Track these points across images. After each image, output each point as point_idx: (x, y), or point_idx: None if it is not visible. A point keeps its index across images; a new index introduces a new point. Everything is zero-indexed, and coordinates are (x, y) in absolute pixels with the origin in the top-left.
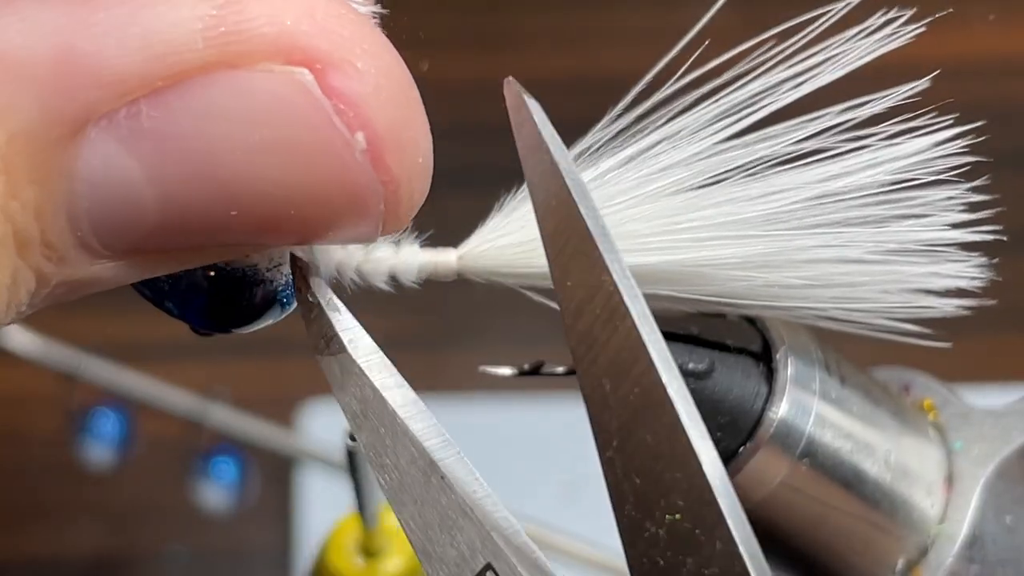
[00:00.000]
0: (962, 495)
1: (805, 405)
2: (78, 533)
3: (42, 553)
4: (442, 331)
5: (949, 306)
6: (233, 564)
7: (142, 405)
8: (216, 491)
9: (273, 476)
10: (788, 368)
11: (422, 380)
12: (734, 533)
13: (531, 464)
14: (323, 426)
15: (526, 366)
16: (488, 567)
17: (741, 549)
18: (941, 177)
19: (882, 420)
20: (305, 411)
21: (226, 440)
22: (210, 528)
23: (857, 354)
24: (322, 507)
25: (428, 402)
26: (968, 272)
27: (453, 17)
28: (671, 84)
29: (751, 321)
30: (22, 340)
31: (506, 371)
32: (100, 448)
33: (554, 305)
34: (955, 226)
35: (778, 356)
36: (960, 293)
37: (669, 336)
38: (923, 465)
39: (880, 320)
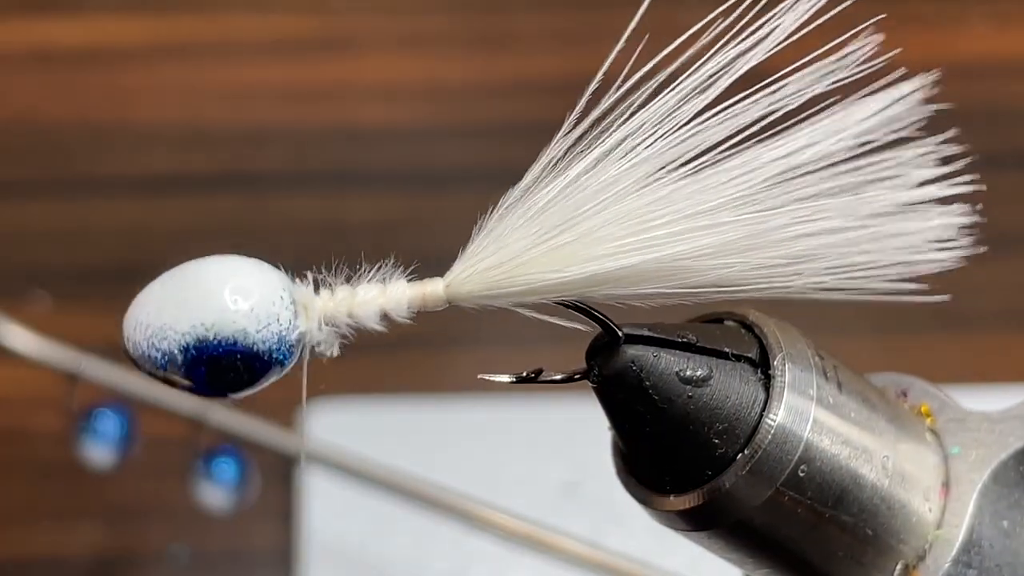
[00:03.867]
0: (959, 500)
1: (802, 411)
2: (78, 533)
3: (42, 553)
4: (442, 331)
5: (942, 260)
6: (233, 564)
7: (143, 405)
8: (216, 491)
9: (273, 476)
10: (785, 374)
11: (422, 380)
12: None
13: (531, 464)
14: (323, 426)
15: (524, 373)
16: None
17: None
18: (907, 135)
19: (879, 425)
20: (305, 411)
21: (226, 440)
22: (210, 528)
23: (854, 358)
24: (323, 507)
25: (428, 402)
26: (952, 222)
27: (453, 17)
28: (621, 81)
29: (749, 328)
30: (23, 340)
31: (504, 378)
32: (101, 448)
33: (549, 319)
34: (931, 181)
35: (775, 363)
36: (950, 245)
37: (667, 344)
38: (920, 470)
39: (878, 284)
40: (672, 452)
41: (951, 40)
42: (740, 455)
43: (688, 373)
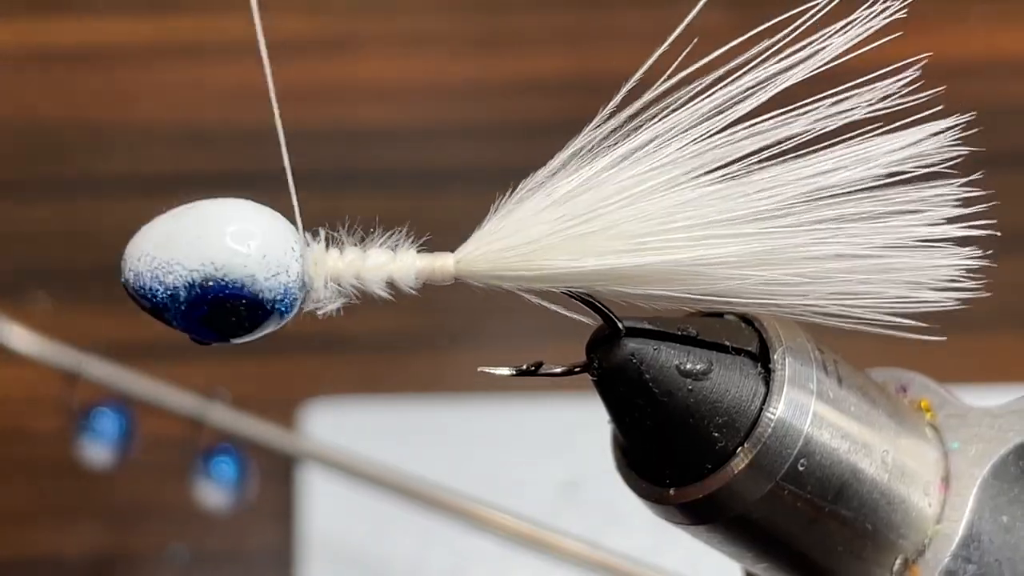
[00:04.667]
0: (959, 495)
1: (802, 405)
2: (78, 533)
3: (42, 552)
4: (442, 331)
5: (945, 300)
6: (233, 564)
7: (142, 405)
8: (216, 491)
9: (273, 476)
10: (785, 368)
11: (422, 380)
12: None
13: (531, 464)
14: (323, 426)
15: (524, 366)
16: None
17: None
18: (934, 171)
19: (879, 420)
20: (305, 411)
21: (226, 440)
22: (210, 528)
23: (855, 353)
24: (322, 507)
25: (428, 402)
26: (963, 265)
27: (453, 17)
28: (661, 82)
29: (749, 322)
30: (23, 340)
31: (504, 371)
32: (100, 447)
33: (551, 306)
34: (949, 221)
35: (775, 356)
36: (956, 287)
37: (667, 337)
38: (920, 465)
39: (877, 315)
40: (672, 445)
41: (951, 40)
42: (740, 449)
43: (688, 366)
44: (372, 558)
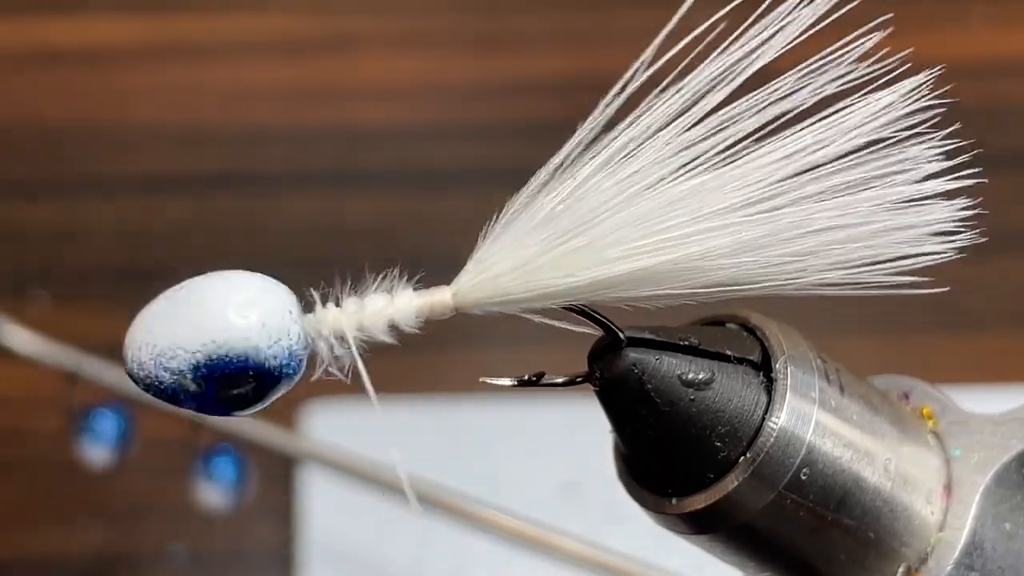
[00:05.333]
0: (961, 502)
1: (805, 414)
2: (78, 533)
3: (42, 553)
4: (442, 331)
5: (946, 250)
6: (233, 564)
7: (142, 405)
8: (216, 491)
9: (273, 476)
10: (788, 377)
11: (422, 380)
12: None
13: (531, 464)
14: (323, 426)
15: (526, 376)
16: None
17: None
18: (915, 131)
19: (882, 428)
20: (305, 411)
21: (225, 440)
22: (210, 528)
23: (855, 358)
24: (323, 507)
25: (428, 402)
26: (956, 216)
27: (453, 17)
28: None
29: (751, 331)
30: (22, 340)
31: (506, 381)
32: (100, 448)
33: (553, 323)
34: (935, 175)
35: (778, 366)
36: (954, 233)
37: (669, 347)
38: (922, 473)
39: (876, 278)
40: (674, 455)
41: (951, 40)
42: (742, 458)
43: (690, 376)
44: (372, 558)
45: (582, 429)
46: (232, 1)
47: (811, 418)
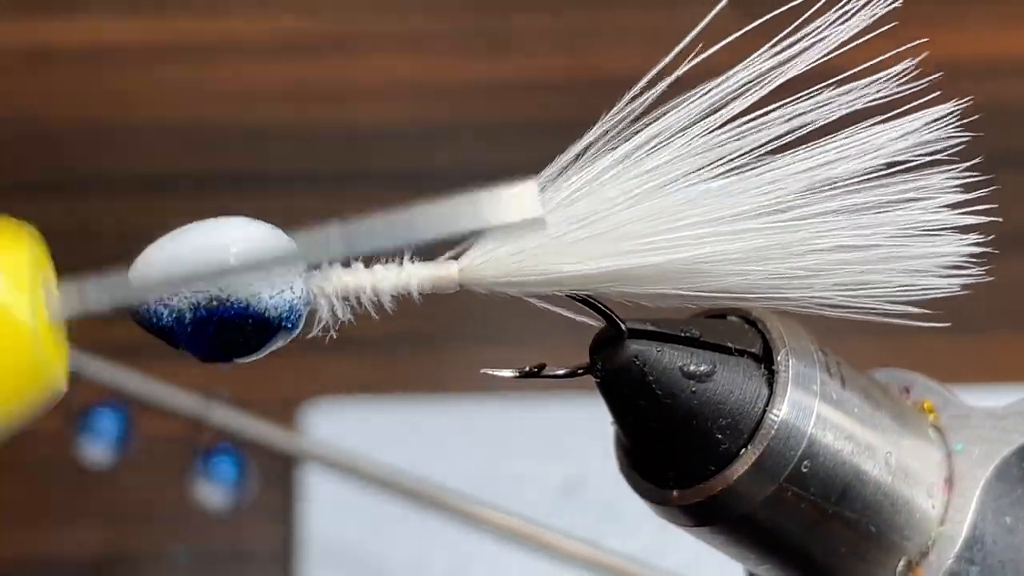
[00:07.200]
0: (962, 496)
1: (806, 407)
2: (78, 533)
3: (42, 552)
4: (442, 331)
5: (949, 286)
6: (233, 564)
7: (142, 404)
8: (216, 491)
9: (273, 476)
10: (789, 370)
11: (422, 380)
12: None
13: (531, 464)
14: (323, 426)
15: (527, 368)
16: None
17: None
18: (935, 159)
19: (883, 422)
20: (305, 411)
21: (226, 440)
22: (210, 528)
23: (857, 354)
24: (322, 507)
25: (428, 402)
26: (966, 251)
27: (453, 17)
28: (658, 83)
29: (752, 323)
30: None
31: (507, 373)
32: (100, 447)
33: (555, 309)
34: (951, 207)
35: (779, 358)
36: (959, 272)
37: (671, 339)
38: (923, 466)
39: (883, 305)
40: (675, 447)
41: (951, 40)
42: (744, 450)
43: (691, 368)
44: (372, 558)
45: (582, 429)
46: (232, 1)
47: (812, 411)
